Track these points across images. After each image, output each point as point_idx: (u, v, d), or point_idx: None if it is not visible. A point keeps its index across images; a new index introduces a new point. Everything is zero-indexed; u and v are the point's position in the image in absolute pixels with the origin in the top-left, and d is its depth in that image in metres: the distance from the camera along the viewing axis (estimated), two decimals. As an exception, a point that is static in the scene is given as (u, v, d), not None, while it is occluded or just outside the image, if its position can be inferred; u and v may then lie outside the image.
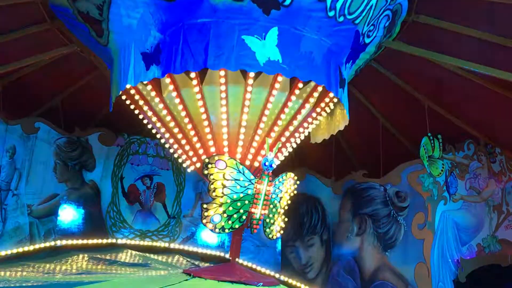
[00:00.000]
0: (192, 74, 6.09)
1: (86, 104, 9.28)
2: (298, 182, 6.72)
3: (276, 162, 6.15)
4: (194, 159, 6.67)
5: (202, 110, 6.33)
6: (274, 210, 6.31)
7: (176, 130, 6.64)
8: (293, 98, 6.45)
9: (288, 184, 6.52)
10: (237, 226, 6.00)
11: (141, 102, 6.80)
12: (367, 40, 6.65)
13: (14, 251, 7.75)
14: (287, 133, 6.71)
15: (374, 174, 9.10)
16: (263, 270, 9.00)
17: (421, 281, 7.84)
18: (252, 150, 6.40)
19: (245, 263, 8.56)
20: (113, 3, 5.96)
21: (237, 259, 6.41)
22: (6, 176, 7.92)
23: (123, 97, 6.81)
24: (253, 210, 6.02)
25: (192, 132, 6.51)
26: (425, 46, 7.14)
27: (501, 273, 8.83)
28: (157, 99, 6.60)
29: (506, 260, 8.75)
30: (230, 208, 5.90)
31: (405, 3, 6.57)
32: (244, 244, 7.10)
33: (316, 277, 9.74)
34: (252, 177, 6.05)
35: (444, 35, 6.95)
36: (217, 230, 5.89)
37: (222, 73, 6.06)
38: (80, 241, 8.82)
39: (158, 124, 6.87)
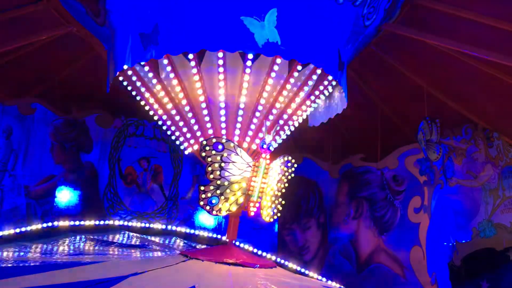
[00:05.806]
0: (190, 55, 6.04)
1: (83, 85, 9.20)
2: (295, 165, 6.72)
3: (274, 145, 6.14)
4: (192, 141, 6.65)
5: (200, 91, 6.30)
6: (271, 193, 6.31)
7: (173, 112, 6.60)
8: (292, 80, 6.41)
9: (286, 167, 6.52)
10: (234, 209, 6.01)
11: (138, 83, 6.75)
12: (367, 23, 6.58)
13: (11, 231, 7.76)
14: (285, 116, 6.69)
15: (372, 158, 9.11)
16: (259, 252, 9.05)
17: (416, 264, 7.89)
18: (250, 133, 6.38)
19: (242, 245, 8.60)
20: (110, -18, 5.89)
21: (234, 241, 6.44)
22: (2, 156, 7.90)
23: (120, 78, 6.75)
24: (250, 192, 6.03)
25: (190, 114, 6.48)
26: (426, 29, 7.08)
27: (496, 257, 8.90)
28: (154, 80, 6.55)
29: (501, 244, 8.80)
30: (228, 191, 5.90)
31: (406, -15, 6.53)
32: (241, 226, 7.09)
33: (313, 259, 9.81)
34: (249, 159, 6.04)
35: (444, 18, 6.89)
36: (214, 212, 5.89)
37: (220, 54, 6.01)
38: (77, 223, 8.84)
39: (156, 106, 6.82)
